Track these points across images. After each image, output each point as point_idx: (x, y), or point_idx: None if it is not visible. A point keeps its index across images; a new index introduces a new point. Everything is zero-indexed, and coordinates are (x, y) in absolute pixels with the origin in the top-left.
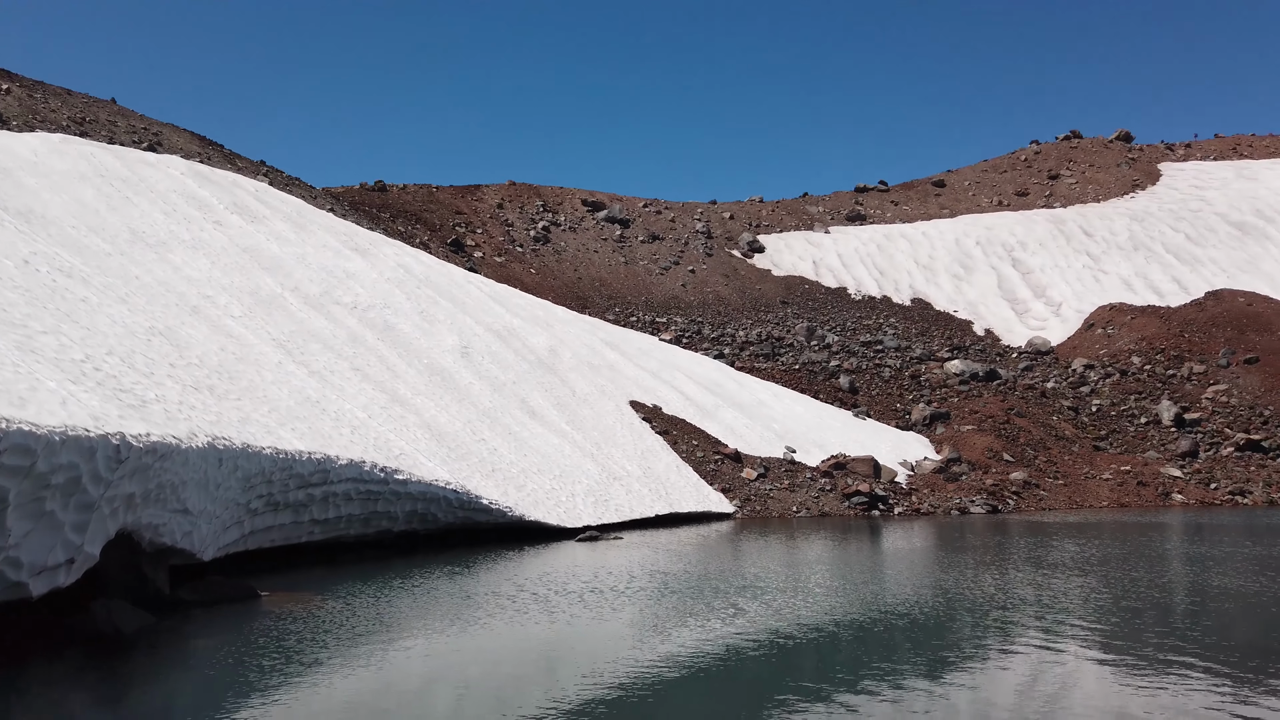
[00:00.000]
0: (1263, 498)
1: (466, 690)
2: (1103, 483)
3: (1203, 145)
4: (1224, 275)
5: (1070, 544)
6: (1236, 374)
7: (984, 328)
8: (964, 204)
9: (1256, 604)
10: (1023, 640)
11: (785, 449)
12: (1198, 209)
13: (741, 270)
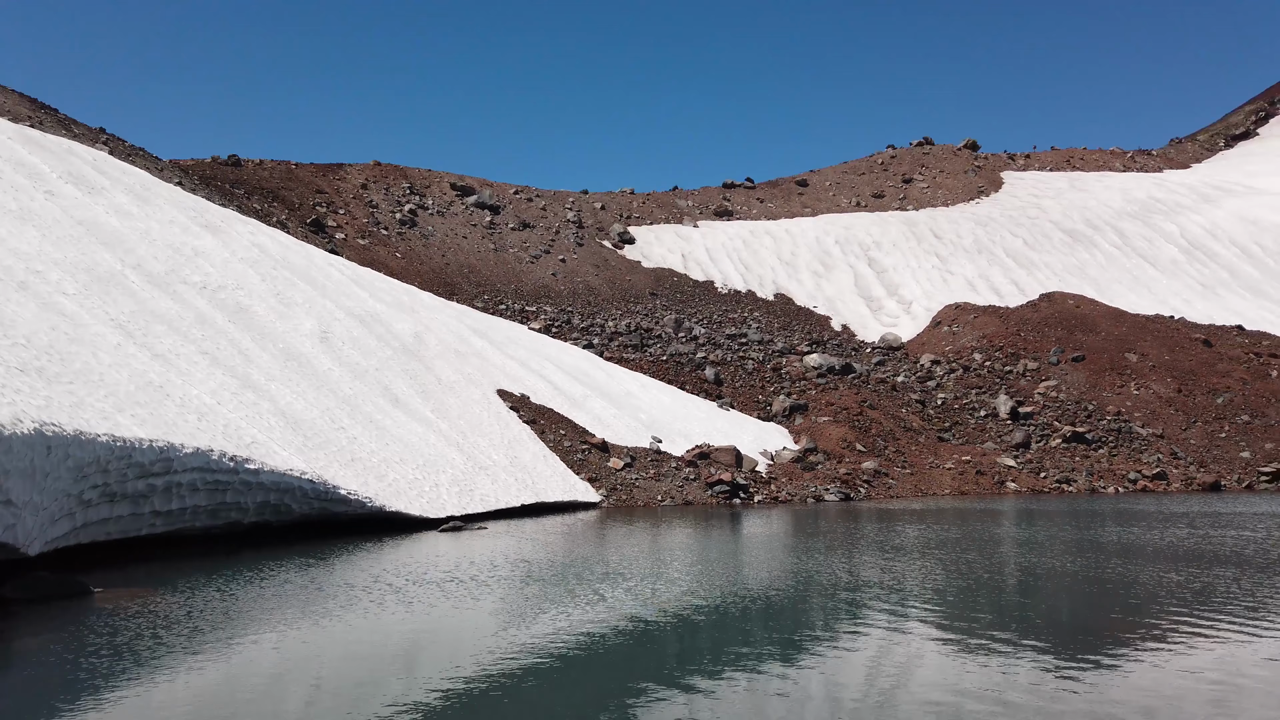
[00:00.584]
0: (1085, 486)
1: (318, 686)
2: (945, 472)
3: (1041, 156)
4: (1056, 279)
5: (914, 529)
6: (1065, 371)
7: (841, 323)
8: (825, 204)
9: (1075, 583)
10: (871, 621)
11: (652, 439)
12: (1035, 216)
13: (612, 261)
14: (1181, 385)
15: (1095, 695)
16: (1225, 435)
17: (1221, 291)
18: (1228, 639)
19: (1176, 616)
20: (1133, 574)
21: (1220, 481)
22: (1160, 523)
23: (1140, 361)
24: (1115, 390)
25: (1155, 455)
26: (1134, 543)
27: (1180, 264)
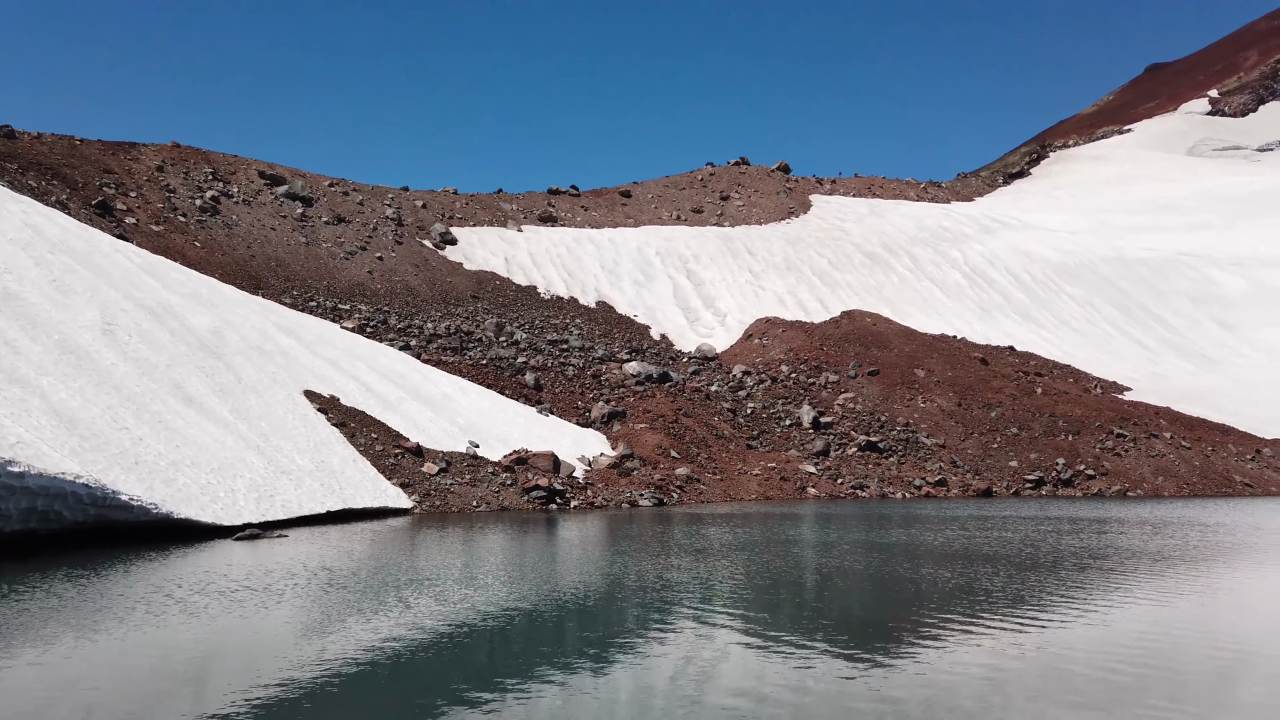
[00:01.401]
0: (876, 491)
1: (88, 711)
2: (753, 478)
3: (845, 182)
4: (856, 297)
5: (721, 533)
6: (862, 384)
7: (660, 332)
8: (647, 215)
9: (864, 581)
10: (679, 622)
11: (469, 443)
12: (839, 238)
13: (433, 261)
14: (961, 399)
15: (882, 687)
16: (997, 446)
17: (997, 315)
18: (993, 631)
19: (950, 611)
20: (914, 573)
21: (992, 488)
22: (938, 525)
23: (927, 377)
24: (905, 403)
25: (938, 463)
26: (915, 544)
27: (963, 288)
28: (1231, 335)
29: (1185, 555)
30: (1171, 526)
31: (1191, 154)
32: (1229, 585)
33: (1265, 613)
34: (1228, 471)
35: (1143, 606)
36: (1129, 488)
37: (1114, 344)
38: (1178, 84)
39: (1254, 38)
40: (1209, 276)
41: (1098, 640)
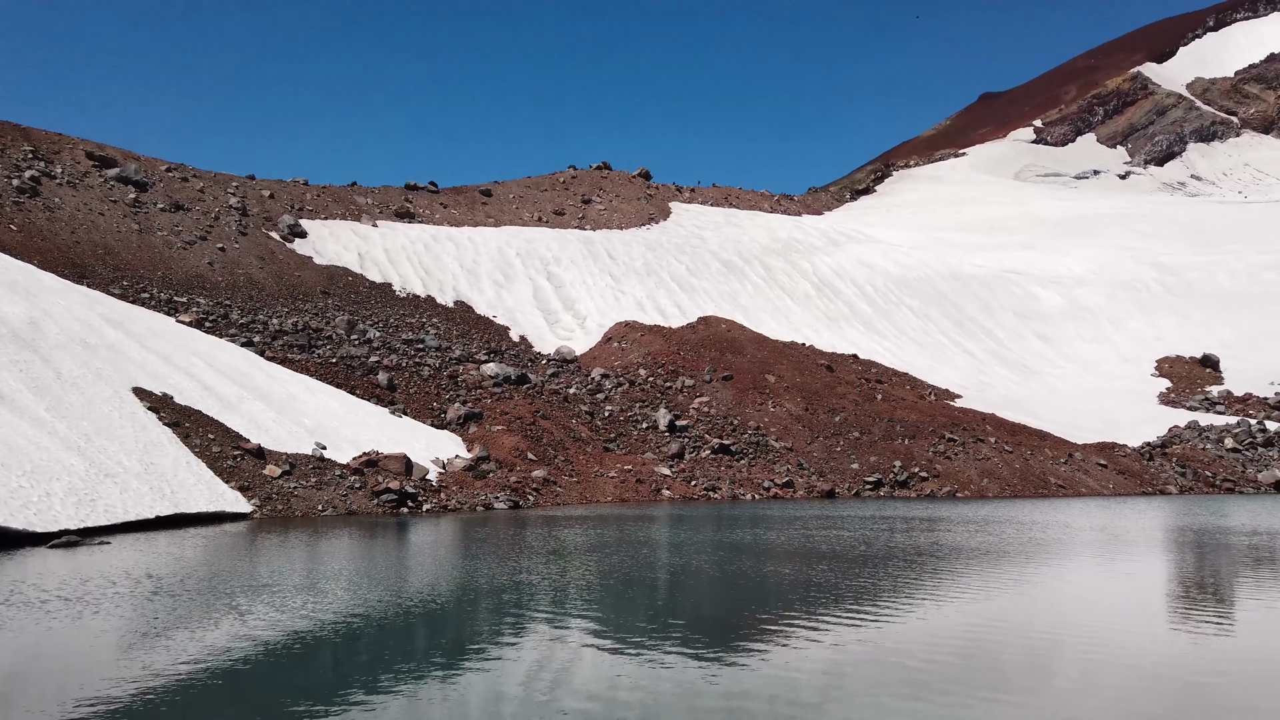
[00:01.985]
0: (728, 493)
1: None
2: (609, 480)
3: (704, 191)
4: (713, 304)
5: (576, 535)
6: (716, 388)
7: (519, 334)
8: (508, 215)
9: (714, 580)
10: (533, 624)
11: (315, 445)
12: (697, 246)
13: (280, 254)
14: (809, 405)
15: (730, 685)
16: (840, 449)
17: (843, 324)
18: (834, 626)
19: (794, 608)
20: (760, 571)
21: (835, 489)
22: (784, 525)
23: (777, 382)
24: (756, 407)
25: (785, 466)
26: (762, 544)
27: (812, 298)
28: (1050, 348)
29: (1005, 551)
30: (993, 525)
31: (1018, 179)
32: (1044, 578)
33: (1076, 603)
34: (1044, 474)
35: (968, 599)
36: (958, 489)
37: (947, 354)
38: (1007, 113)
39: (1074, 73)
40: (1031, 293)
41: (928, 631)
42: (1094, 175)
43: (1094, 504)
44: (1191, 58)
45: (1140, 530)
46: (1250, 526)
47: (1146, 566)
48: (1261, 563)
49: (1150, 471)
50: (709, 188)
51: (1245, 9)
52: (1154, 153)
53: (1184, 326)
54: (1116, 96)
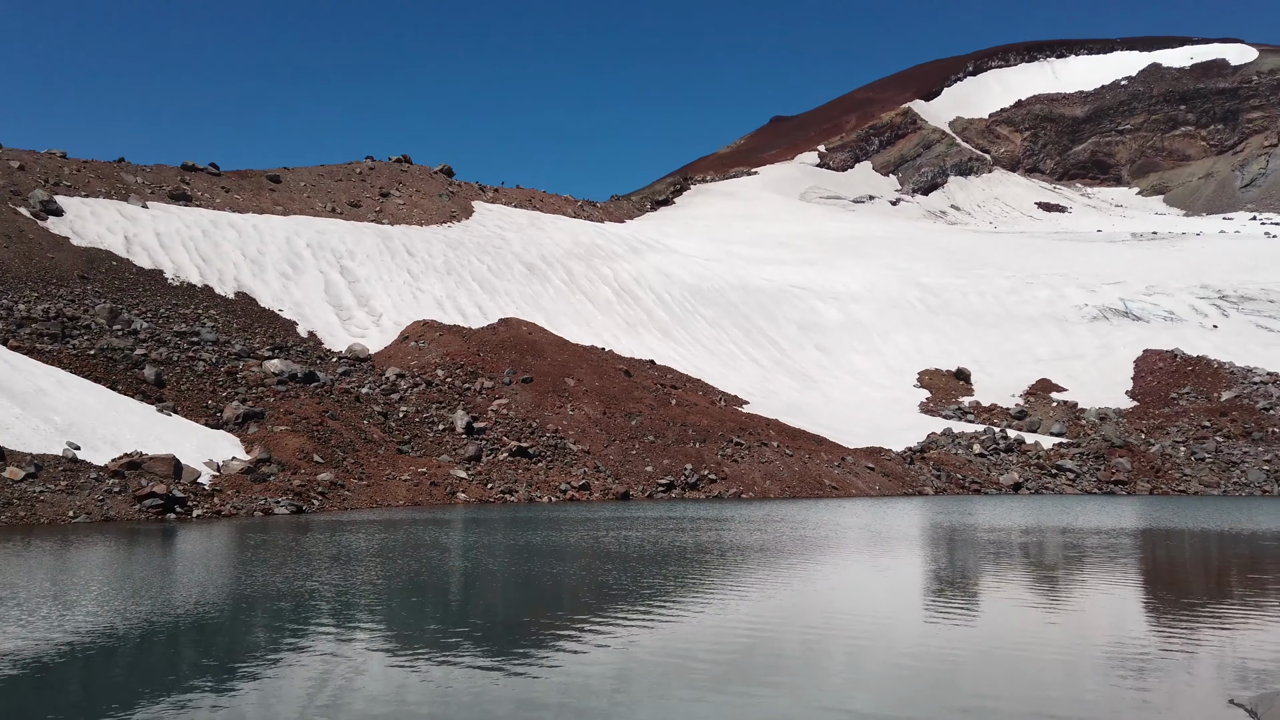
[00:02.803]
0: (525, 495)
1: None
2: (402, 483)
3: (508, 192)
4: (514, 306)
5: (362, 539)
6: (516, 390)
7: (308, 330)
8: (298, 204)
9: (507, 582)
10: (314, 634)
11: (67, 445)
12: (500, 246)
13: (30, 233)
14: (606, 408)
15: (521, 686)
16: (635, 452)
17: (641, 330)
18: (624, 625)
19: (585, 608)
20: (554, 573)
21: (629, 491)
22: (578, 527)
23: (577, 386)
24: (555, 410)
25: (583, 469)
26: (557, 546)
27: (612, 303)
28: (827, 358)
29: (783, 549)
30: (773, 524)
31: (803, 199)
32: (817, 574)
33: (845, 596)
34: (820, 476)
35: (750, 595)
36: (743, 490)
37: (737, 362)
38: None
39: (854, 104)
40: (813, 307)
41: (713, 628)
42: (870, 200)
43: (862, 504)
44: (954, 98)
45: (899, 528)
46: (989, 524)
47: (905, 561)
48: (1000, 556)
49: (911, 474)
50: (513, 189)
51: (999, 58)
52: (920, 183)
53: (941, 342)
54: (890, 129)
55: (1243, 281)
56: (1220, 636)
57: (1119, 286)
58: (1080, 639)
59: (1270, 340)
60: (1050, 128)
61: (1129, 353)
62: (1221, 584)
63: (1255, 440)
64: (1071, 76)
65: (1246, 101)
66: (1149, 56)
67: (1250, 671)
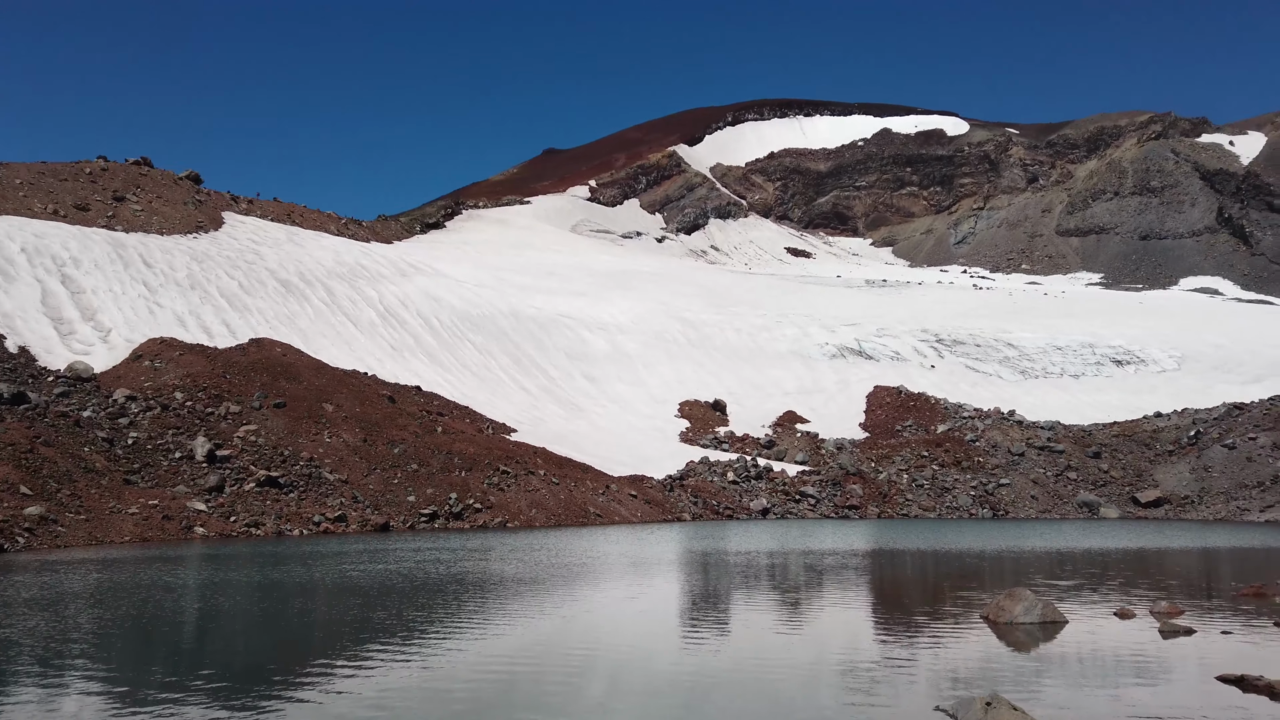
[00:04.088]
0: (273, 529)
1: None
2: (128, 517)
3: (264, 204)
4: (268, 325)
5: (76, 580)
6: (267, 416)
7: (19, 345)
8: (12, 203)
9: (248, 624)
10: (11, 692)
11: None
12: (253, 261)
13: None
14: (368, 435)
15: None
16: (398, 481)
17: (407, 355)
18: (381, 662)
19: (339, 648)
20: (303, 610)
21: (390, 522)
22: (332, 561)
23: (335, 411)
24: (311, 437)
25: (339, 499)
26: (306, 581)
27: (377, 327)
28: (595, 387)
29: (546, 578)
30: (537, 553)
31: (574, 231)
32: (578, 600)
33: (606, 621)
34: (585, 504)
35: (511, 624)
36: (508, 519)
37: (505, 389)
38: (567, 169)
39: (625, 143)
40: (581, 337)
41: (472, 658)
42: (637, 236)
43: (624, 531)
44: (715, 145)
45: (658, 554)
46: (739, 548)
47: (662, 586)
48: (749, 578)
49: (671, 501)
50: (270, 201)
51: (754, 112)
52: (684, 223)
53: (701, 374)
54: (656, 170)
55: (955, 327)
56: (933, 646)
57: (855, 328)
58: (818, 654)
59: (977, 380)
60: (798, 179)
61: (862, 388)
62: (936, 598)
63: (964, 469)
64: (817, 134)
65: (960, 168)
66: (881, 122)
67: (956, 679)
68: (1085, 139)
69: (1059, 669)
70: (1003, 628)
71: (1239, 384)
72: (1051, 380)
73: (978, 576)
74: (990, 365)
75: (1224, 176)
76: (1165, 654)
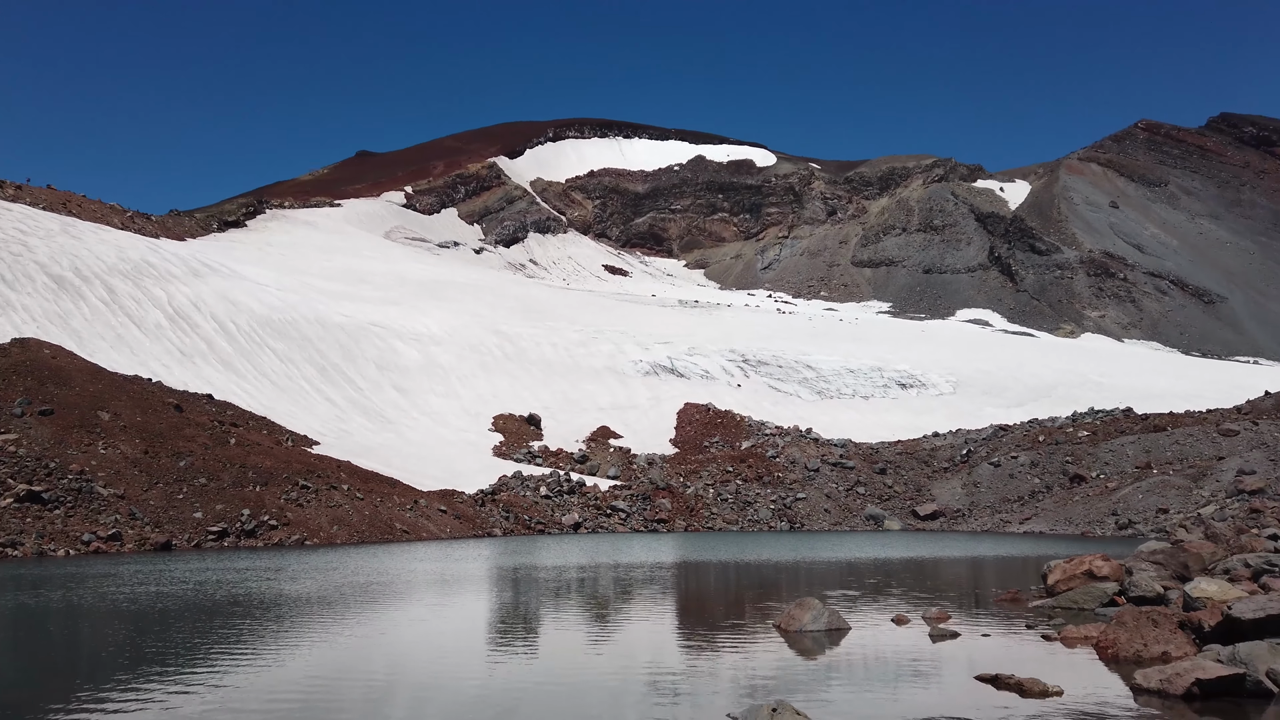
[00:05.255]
0: (34, 549)
1: None
2: None
3: (35, 191)
4: (35, 325)
5: None
6: (30, 424)
7: None
8: None
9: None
10: None
11: None
12: (19, 253)
13: None
14: (149, 447)
15: None
16: (183, 496)
17: (199, 361)
18: (159, 691)
19: (110, 679)
20: (66, 640)
21: (172, 541)
22: (101, 583)
23: (112, 421)
24: (83, 448)
25: (114, 515)
26: (66, 606)
27: (165, 329)
28: (406, 399)
29: (345, 596)
30: (334, 571)
31: (388, 238)
32: (381, 618)
33: (410, 639)
34: (391, 520)
35: (305, 645)
36: (307, 536)
37: (309, 400)
38: (382, 173)
39: (443, 151)
40: (393, 346)
41: (264, 683)
42: (454, 246)
43: (433, 547)
44: (535, 160)
45: (467, 570)
46: (550, 563)
47: (470, 602)
48: (558, 592)
49: (482, 516)
50: (42, 188)
51: (575, 130)
52: (503, 235)
53: (516, 388)
54: (476, 180)
55: (760, 348)
56: (732, 655)
57: (668, 346)
58: (624, 666)
59: (779, 399)
60: (617, 199)
61: (673, 405)
62: (736, 609)
63: (765, 483)
64: (635, 156)
65: (767, 198)
66: (696, 149)
67: (751, 686)
68: (878, 177)
69: (841, 673)
70: (793, 635)
71: (1004, 407)
72: (845, 400)
73: (775, 587)
74: (791, 385)
75: (995, 219)
76: (934, 656)
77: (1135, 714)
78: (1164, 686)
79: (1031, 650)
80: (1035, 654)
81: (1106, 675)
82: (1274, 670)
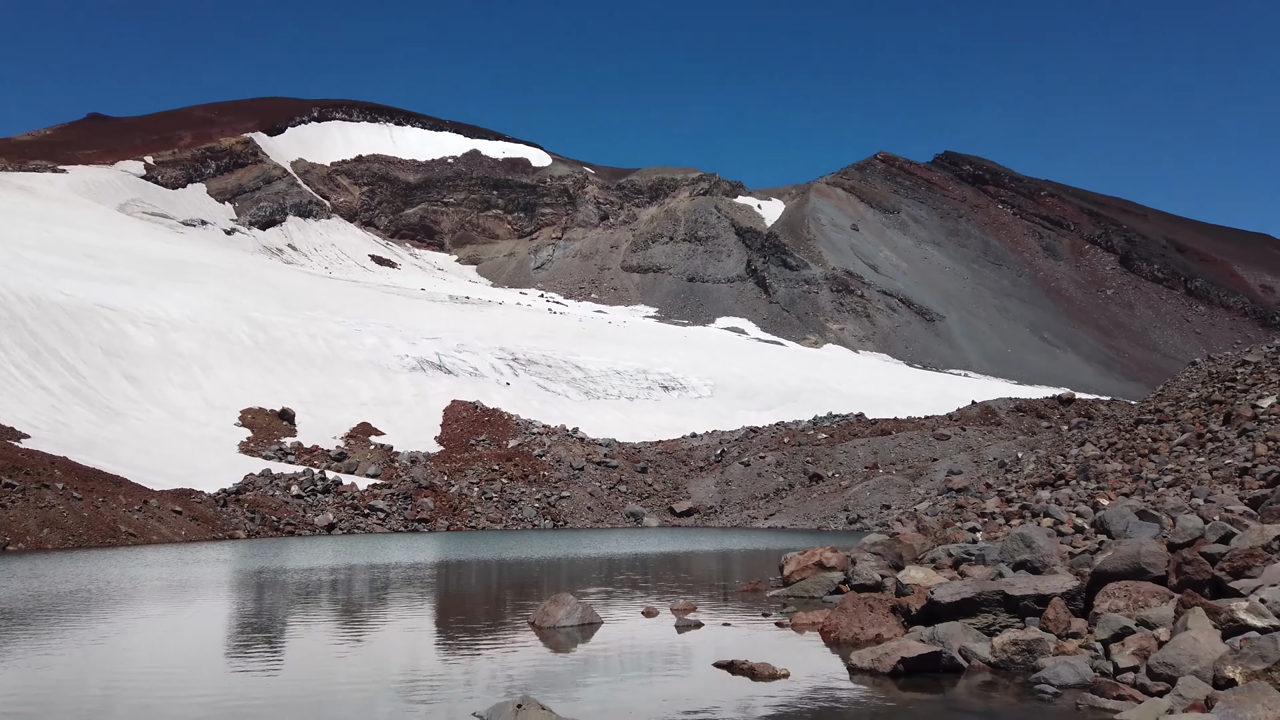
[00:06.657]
0: None
1: None
2: None
3: None
4: None
5: None
6: None
7: None
8: None
9: None
10: None
11: None
12: None
13: None
14: None
15: None
16: None
17: None
18: None
19: None
20: None
21: None
22: None
23: None
24: None
25: None
26: None
27: None
28: (138, 390)
29: (53, 609)
30: (39, 580)
31: (122, 211)
32: (98, 633)
33: (134, 653)
34: (115, 522)
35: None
36: (11, 541)
37: (18, 387)
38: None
39: (192, 121)
40: (124, 331)
41: None
42: (202, 225)
43: (164, 551)
44: (297, 139)
45: (202, 576)
46: (298, 565)
47: (205, 610)
48: (306, 596)
49: (223, 517)
50: None
51: (342, 112)
52: (259, 216)
53: (269, 380)
54: (229, 155)
55: (530, 347)
56: (489, 653)
57: (436, 341)
58: (378, 669)
59: (547, 398)
60: (386, 187)
61: (440, 402)
62: (495, 607)
63: (531, 482)
64: (407, 145)
65: (542, 198)
66: (471, 143)
67: (504, 684)
68: (649, 186)
69: (593, 667)
70: (546, 632)
71: (756, 410)
72: (611, 401)
73: (536, 585)
74: (559, 385)
75: (753, 234)
76: (678, 646)
77: (850, 690)
78: (875, 665)
79: (766, 637)
80: (769, 640)
81: (829, 657)
82: (965, 647)
